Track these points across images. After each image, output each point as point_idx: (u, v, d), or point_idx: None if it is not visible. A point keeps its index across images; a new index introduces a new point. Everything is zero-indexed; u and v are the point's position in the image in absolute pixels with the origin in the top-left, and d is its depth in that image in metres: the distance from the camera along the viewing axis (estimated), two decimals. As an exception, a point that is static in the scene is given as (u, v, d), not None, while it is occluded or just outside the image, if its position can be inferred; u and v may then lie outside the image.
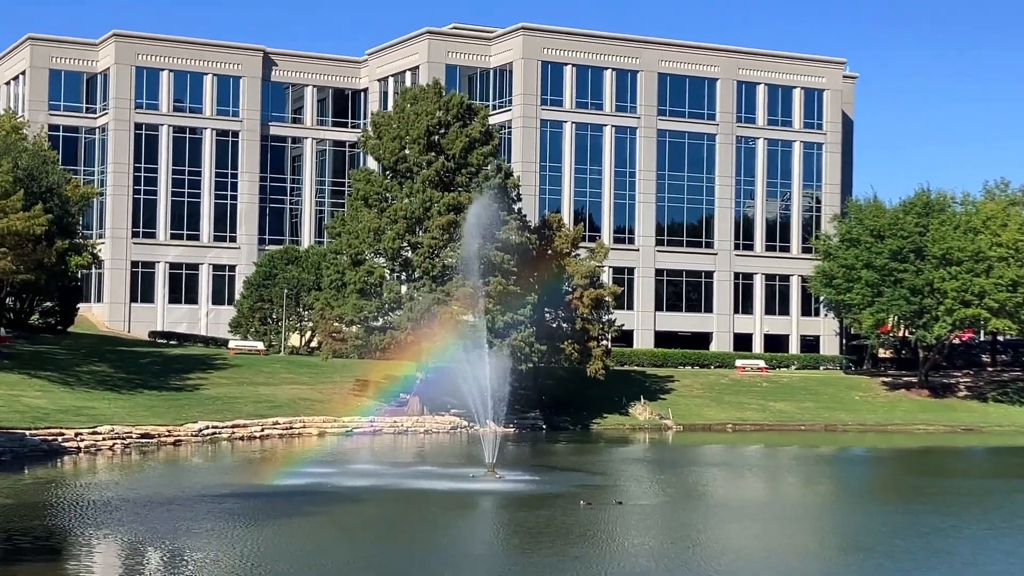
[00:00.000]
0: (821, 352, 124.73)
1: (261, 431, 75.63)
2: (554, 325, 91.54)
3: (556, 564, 35.62)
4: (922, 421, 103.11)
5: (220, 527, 40.67)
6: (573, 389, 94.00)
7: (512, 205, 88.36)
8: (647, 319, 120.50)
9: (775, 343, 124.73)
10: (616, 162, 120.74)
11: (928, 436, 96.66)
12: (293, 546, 37.39)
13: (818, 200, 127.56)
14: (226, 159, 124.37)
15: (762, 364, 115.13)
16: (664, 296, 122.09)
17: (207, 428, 72.71)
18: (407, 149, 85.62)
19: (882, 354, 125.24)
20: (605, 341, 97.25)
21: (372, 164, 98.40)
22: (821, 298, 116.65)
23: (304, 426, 78.56)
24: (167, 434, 70.07)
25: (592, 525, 43.03)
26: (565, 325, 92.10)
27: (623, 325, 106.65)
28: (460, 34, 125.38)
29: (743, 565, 36.59)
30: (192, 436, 71.10)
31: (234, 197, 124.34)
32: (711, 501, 53.69)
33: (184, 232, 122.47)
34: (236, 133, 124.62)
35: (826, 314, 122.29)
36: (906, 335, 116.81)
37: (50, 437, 63.64)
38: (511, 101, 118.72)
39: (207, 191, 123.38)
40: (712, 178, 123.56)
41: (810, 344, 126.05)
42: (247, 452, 68.80)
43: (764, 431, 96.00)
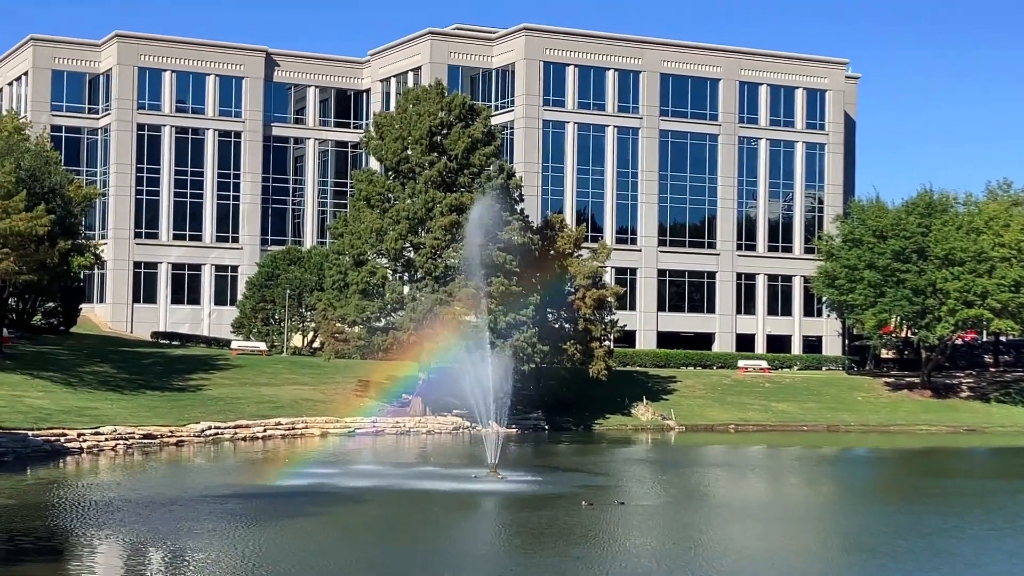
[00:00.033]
0: (823, 353, 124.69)
1: (263, 432, 75.65)
2: (556, 326, 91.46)
3: (558, 565, 35.61)
4: (924, 422, 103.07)
5: (222, 528, 40.70)
6: (575, 390, 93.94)
7: (514, 206, 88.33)
8: (649, 319, 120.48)
9: (777, 344, 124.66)
10: (618, 162, 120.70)
11: (930, 437, 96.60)
12: (295, 547, 37.40)
13: (820, 200, 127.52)
14: (228, 159, 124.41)
15: (764, 365, 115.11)
16: (666, 296, 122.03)
17: (209, 429, 72.74)
18: (409, 150, 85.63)
19: (884, 355, 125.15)
20: (607, 341, 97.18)
21: (374, 165, 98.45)
22: (823, 298, 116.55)
23: (306, 427, 78.61)
24: (169, 435, 70.12)
25: (594, 526, 43.02)
26: (567, 325, 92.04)
27: (625, 326, 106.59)
28: (462, 34, 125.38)
29: (745, 566, 36.57)
30: (194, 437, 71.15)
31: (236, 198, 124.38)
32: (713, 502, 53.68)
33: (186, 232, 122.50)
34: (238, 133, 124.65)
35: (828, 315, 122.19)
36: (908, 336, 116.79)
37: (52, 438, 63.69)
38: (513, 101, 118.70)
39: (209, 191, 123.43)
40: (714, 178, 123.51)
41: (812, 345, 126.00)
42: (249, 453, 68.83)
43: (766, 432, 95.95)
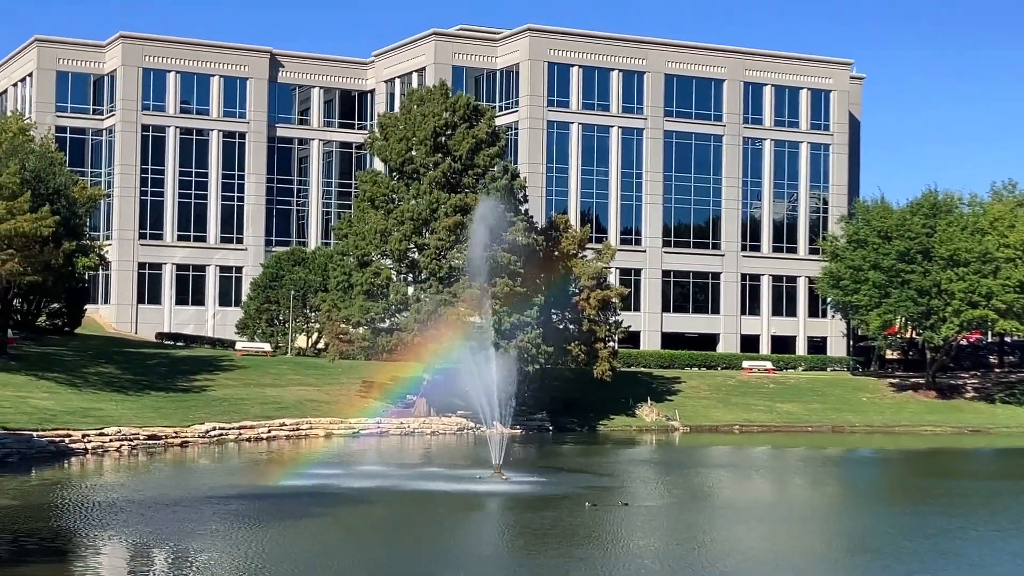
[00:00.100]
0: (828, 353, 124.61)
1: (268, 432, 75.64)
2: (560, 326, 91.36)
3: (562, 565, 35.60)
4: (929, 422, 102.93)
5: (226, 528, 40.69)
6: (580, 390, 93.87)
7: (519, 206, 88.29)
8: (654, 320, 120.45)
9: (782, 344, 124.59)
10: (623, 163, 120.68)
11: (935, 437, 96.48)
12: (299, 547, 37.39)
13: (825, 201, 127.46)
14: (233, 160, 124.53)
15: (769, 365, 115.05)
16: (671, 297, 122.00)
17: (214, 429, 72.73)
18: (414, 150, 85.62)
19: (889, 355, 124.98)
20: (612, 342, 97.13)
21: (379, 165, 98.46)
22: (828, 299, 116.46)
23: (311, 427, 78.61)
24: (174, 435, 70.12)
25: (598, 527, 42.99)
26: (572, 326, 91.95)
27: (630, 326, 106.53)
28: (466, 35, 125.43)
29: (750, 567, 36.55)
30: (199, 437, 71.14)
31: (241, 198, 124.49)
32: (718, 502, 53.61)
33: (191, 233, 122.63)
34: (243, 134, 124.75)
35: (833, 315, 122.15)
36: (913, 336, 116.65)
37: (57, 438, 63.70)
38: (517, 102, 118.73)
39: (214, 192, 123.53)
40: (719, 179, 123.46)
41: (817, 345, 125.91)
42: (254, 453, 68.84)
43: (771, 432, 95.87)
